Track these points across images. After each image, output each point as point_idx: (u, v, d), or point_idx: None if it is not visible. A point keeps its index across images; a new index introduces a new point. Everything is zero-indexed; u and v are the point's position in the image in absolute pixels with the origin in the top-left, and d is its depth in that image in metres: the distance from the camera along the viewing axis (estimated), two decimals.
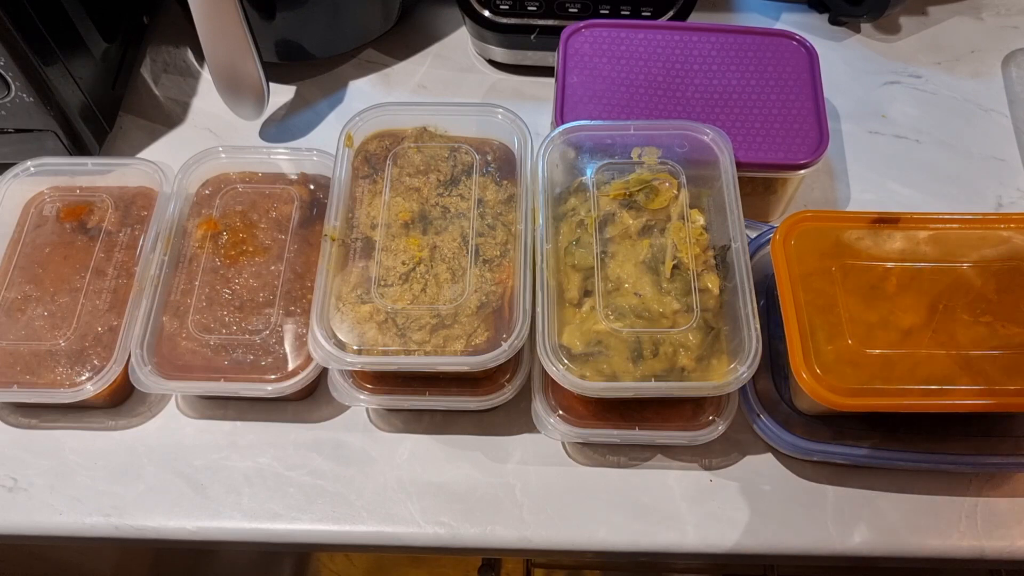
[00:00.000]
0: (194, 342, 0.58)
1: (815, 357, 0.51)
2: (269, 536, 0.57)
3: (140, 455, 0.59)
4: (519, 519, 0.57)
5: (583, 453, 0.59)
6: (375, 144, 0.62)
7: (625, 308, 0.54)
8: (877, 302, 0.53)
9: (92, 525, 0.57)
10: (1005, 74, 0.79)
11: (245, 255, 0.61)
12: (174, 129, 0.76)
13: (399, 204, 0.59)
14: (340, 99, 0.78)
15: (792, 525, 0.56)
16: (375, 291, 0.55)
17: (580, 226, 0.57)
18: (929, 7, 0.85)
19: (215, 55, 0.65)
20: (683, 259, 0.56)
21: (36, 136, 0.67)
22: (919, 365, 0.50)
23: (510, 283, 0.55)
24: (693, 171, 0.60)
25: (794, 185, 0.66)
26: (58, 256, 0.62)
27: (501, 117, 0.62)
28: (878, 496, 0.57)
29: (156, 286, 0.59)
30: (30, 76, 0.62)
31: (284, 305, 0.59)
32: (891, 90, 0.78)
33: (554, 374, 0.51)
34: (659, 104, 0.65)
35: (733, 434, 0.58)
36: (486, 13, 0.74)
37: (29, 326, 0.58)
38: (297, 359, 0.57)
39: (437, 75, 0.80)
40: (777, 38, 0.68)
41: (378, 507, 0.57)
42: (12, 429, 0.60)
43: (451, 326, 0.54)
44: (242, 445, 0.60)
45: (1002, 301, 0.53)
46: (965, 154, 0.74)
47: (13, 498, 0.57)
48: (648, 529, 0.56)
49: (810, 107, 0.64)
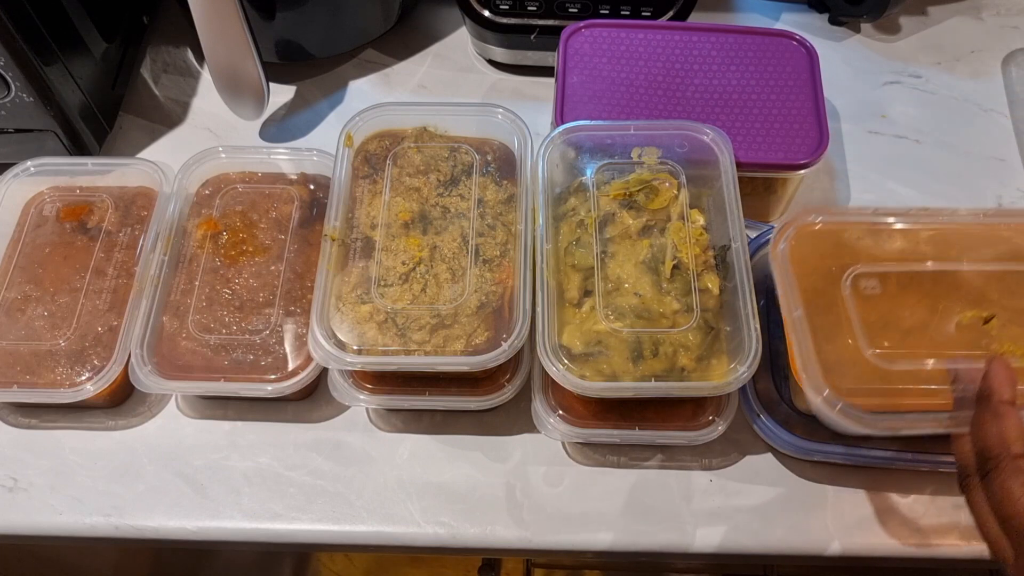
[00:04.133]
0: (194, 342, 0.58)
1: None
2: (269, 536, 0.57)
3: (140, 455, 0.59)
4: (519, 519, 0.57)
5: (583, 453, 0.59)
6: (375, 144, 0.62)
7: (625, 308, 0.54)
8: (877, 302, 0.53)
9: (92, 525, 0.57)
10: (1005, 74, 0.79)
11: (245, 255, 0.61)
12: (174, 129, 0.76)
13: (399, 204, 0.59)
14: (340, 99, 0.78)
15: (792, 525, 0.56)
16: (375, 291, 0.55)
17: (580, 226, 0.57)
18: (929, 7, 0.85)
19: (215, 55, 0.65)
20: (683, 259, 0.56)
21: (36, 136, 0.67)
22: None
23: (510, 283, 0.55)
24: (693, 171, 0.60)
25: (794, 185, 0.66)
26: (58, 256, 0.62)
27: (501, 117, 0.62)
28: (878, 496, 0.57)
29: (156, 286, 0.59)
30: (30, 76, 0.62)
31: (284, 305, 0.59)
32: (891, 90, 0.78)
33: (554, 374, 0.51)
34: (659, 104, 0.65)
35: (733, 434, 0.58)
36: (486, 13, 0.74)
37: (29, 326, 0.58)
38: (297, 359, 0.57)
39: (437, 75, 0.80)
40: (777, 38, 0.68)
41: (378, 507, 0.57)
42: (12, 429, 0.60)
43: (451, 326, 0.54)
44: (242, 445, 0.60)
45: (1002, 301, 0.53)
46: (965, 154, 0.74)
47: (13, 498, 0.57)
48: (648, 529, 0.56)
49: (810, 107, 0.64)
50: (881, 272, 0.54)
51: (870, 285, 0.53)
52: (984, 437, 0.43)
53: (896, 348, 0.51)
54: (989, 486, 0.42)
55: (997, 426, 0.43)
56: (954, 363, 0.49)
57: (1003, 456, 0.42)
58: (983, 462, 0.43)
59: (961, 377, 0.48)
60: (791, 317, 0.52)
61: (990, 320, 0.51)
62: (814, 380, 0.49)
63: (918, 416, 0.48)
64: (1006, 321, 0.51)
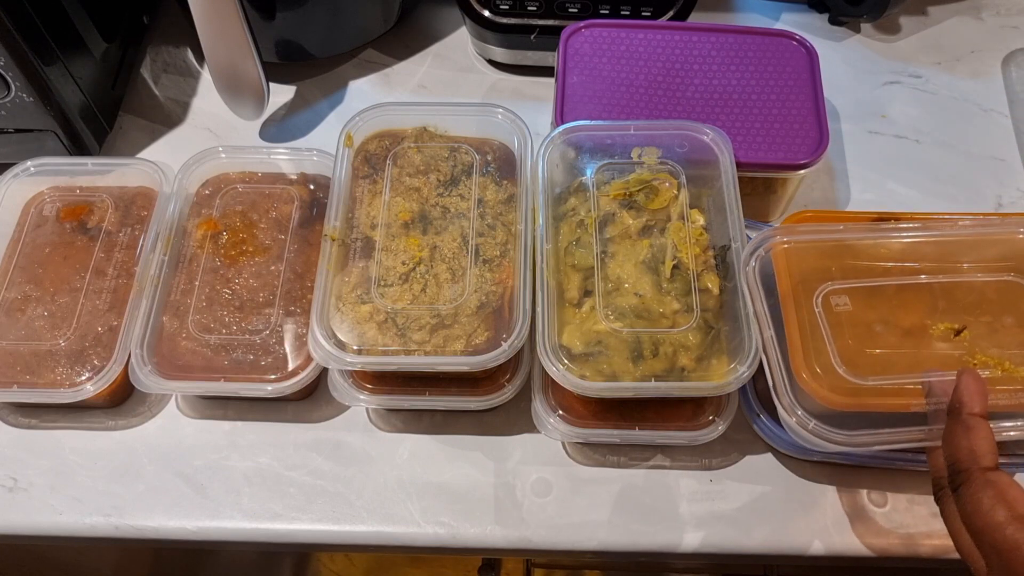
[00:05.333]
0: (194, 342, 0.58)
1: (815, 357, 0.51)
2: (269, 536, 0.57)
3: (140, 455, 0.59)
4: (519, 519, 0.57)
5: (583, 453, 0.59)
6: (375, 144, 0.62)
7: (625, 308, 0.54)
8: (877, 302, 0.53)
9: (92, 525, 0.57)
10: (1005, 74, 0.79)
11: (245, 255, 0.61)
12: (174, 129, 0.76)
13: (399, 204, 0.59)
14: (340, 99, 0.78)
15: (792, 525, 0.56)
16: (375, 291, 0.55)
17: (580, 226, 0.57)
18: (929, 7, 0.85)
19: (215, 55, 0.65)
20: (683, 259, 0.56)
21: (36, 136, 0.67)
22: (919, 365, 0.50)
23: (510, 283, 0.55)
24: (693, 171, 0.60)
25: (794, 185, 0.66)
26: (58, 256, 0.62)
27: (501, 117, 0.62)
28: (878, 496, 0.57)
29: (156, 286, 0.59)
30: (30, 76, 0.62)
31: (284, 305, 0.59)
32: (891, 90, 0.78)
33: (554, 374, 0.51)
34: (659, 104, 0.65)
35: (733, 434, 0.58)
36: (486, 13, 0.74)
37: (29, 326, 0.58)
38: (297, 359, 0.57)
39: (437, 75, 0.80)
40: (777, 38, 0.68)
41: (378, 507, 0.57)
42: (12, 429, 0.60)
43: (451, 326, 0.54)
44: (242, 445, 0.60)
45: (1002, 301, 0.53)
46: (965, 154, 0.74)
47: (13, 498, 0.57)
48: (648, 529, 0.56)
49: (810, 107, 0.64)
50: (852, 288, 0.53)
51: (841, 302, 0.52)
52: (955, 450, 0.43)
53: (869, 364, 0.50)
54: (960, 499, 0.42)
55: (967, 439, 0.43)
56: (927, 376, 0.49)
57: (973, 469, 0.42)
58: (954, 475, 0.43)
59: (934, 390, 0.48)
60: (762, 337, 0.51)
61: (961, 331, 0.51)
62: (786, 400, 0.49)
63: (891, 432, 0.48)
64: (977, 332, 0.51)
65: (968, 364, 0.50)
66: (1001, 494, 0.41)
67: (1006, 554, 0.39)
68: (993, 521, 0.40)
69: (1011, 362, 0.50)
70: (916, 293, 0.53)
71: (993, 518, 0.40)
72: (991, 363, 0.50)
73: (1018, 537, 0.39)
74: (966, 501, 0.42)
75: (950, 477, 0.44)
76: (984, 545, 0.41)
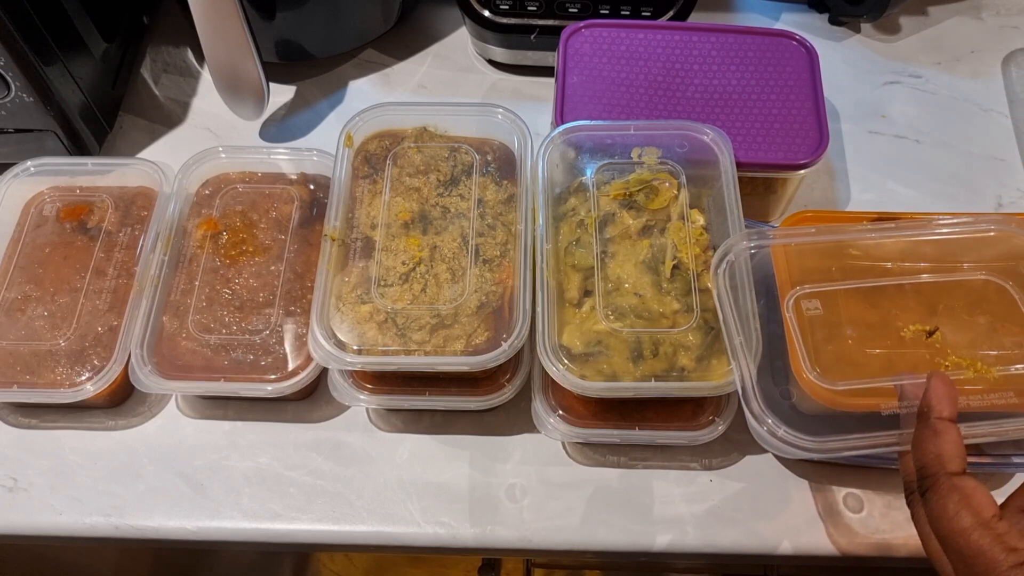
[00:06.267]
0: (194, 342, 0.58)
1: (815, 357, 0.51)
2: (269, 536, 0.57)
3: (140, 455, 0.59)
4: (519, 519, 0.57)
5: (583, 453, 0.59)
6: (375, 144, 0.62)
7: (625, 308, 0.54)
8: (877, 302, 0.53)
9: (92, 525, 0.57)
10: (1005, 74, 0.79)
11: (245, 255, 0.61)
12: (174, 129, 0.76)
13: (399, 204, 0.59)
14: (340, 99, 0.78)
15: (792, 525, 0.56)
16: (375, 291, 0.55)
17: (580, 226, 0.57)
18: (929, 7, 0.85)
19: (215, 55, 0.65)
20: (683, 259, 0.56)
21: (36, 136, 0.67)
22: (919, 365, 0.50)
23: (510, 283, 0.55)
24: (693, 171, 0.60)
25: (794, 185, 0.66)
26: (58, 256, 0.62)
27: (501, 117, 0.62)
28: (878, 496, 0.57)
29: (156, 286, 0.59)
30: (30, 76, 0.62)
31: (284, 305, 0.59)
32: (891, 90, 0.78)
33: (554, 374, 0.51)
34: (659, 104, 0.65)
35: (733, 434, 0.58)
36: (486, 13, 0.74)
37: (29, 326, 0.59)
38: (297, 359, 0.57)
39: (437, 75, 0.80)
40: (777, 38, 0.68)
41: (378, 507, 0.57)
42: (12, 429, 0.60)
43: (451, 326, 0.54)
44: (242, 445, 0.60)
45: (1002, 301, 0.53)
46: (965, 154, 0.74)
47: (13, 498, 0.57)
48: (648, 529, 0.56)
49: (810, 107, 0.64)
50: (822, 292, 0.53)
51: (811, 307, 0.52)
52: (922, 455, 0.43)
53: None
54: (927, 504, 0.42)
55: (935, 444, 0.43)
56: (899, 379, 0.49)
57: (939, 474, 0.42)
58: (922, 480, 0.43)
59: (906, 393, 0.48)
60: (731, 344, 0.51)
61: (934, 333, 0.51)
62: (754, 408, 0.49)
63: (861, 437, 0.48)
64: (948, 333, 0.51)
65: (940, 366, 0.50)
66: (966, 499, 0.40)
67: (970, 559, 0.39)
68: (958, 527, 0.40)
69: (983, 363, 0.50)
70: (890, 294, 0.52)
71: (958, 523, 0.40)
72: (964, 364, 0.50)
73: (982, 543, 0.39)
74: (932, 506, 0.42)
75: (918, 482, 0.43)
76: (950, 550, 0.41)
